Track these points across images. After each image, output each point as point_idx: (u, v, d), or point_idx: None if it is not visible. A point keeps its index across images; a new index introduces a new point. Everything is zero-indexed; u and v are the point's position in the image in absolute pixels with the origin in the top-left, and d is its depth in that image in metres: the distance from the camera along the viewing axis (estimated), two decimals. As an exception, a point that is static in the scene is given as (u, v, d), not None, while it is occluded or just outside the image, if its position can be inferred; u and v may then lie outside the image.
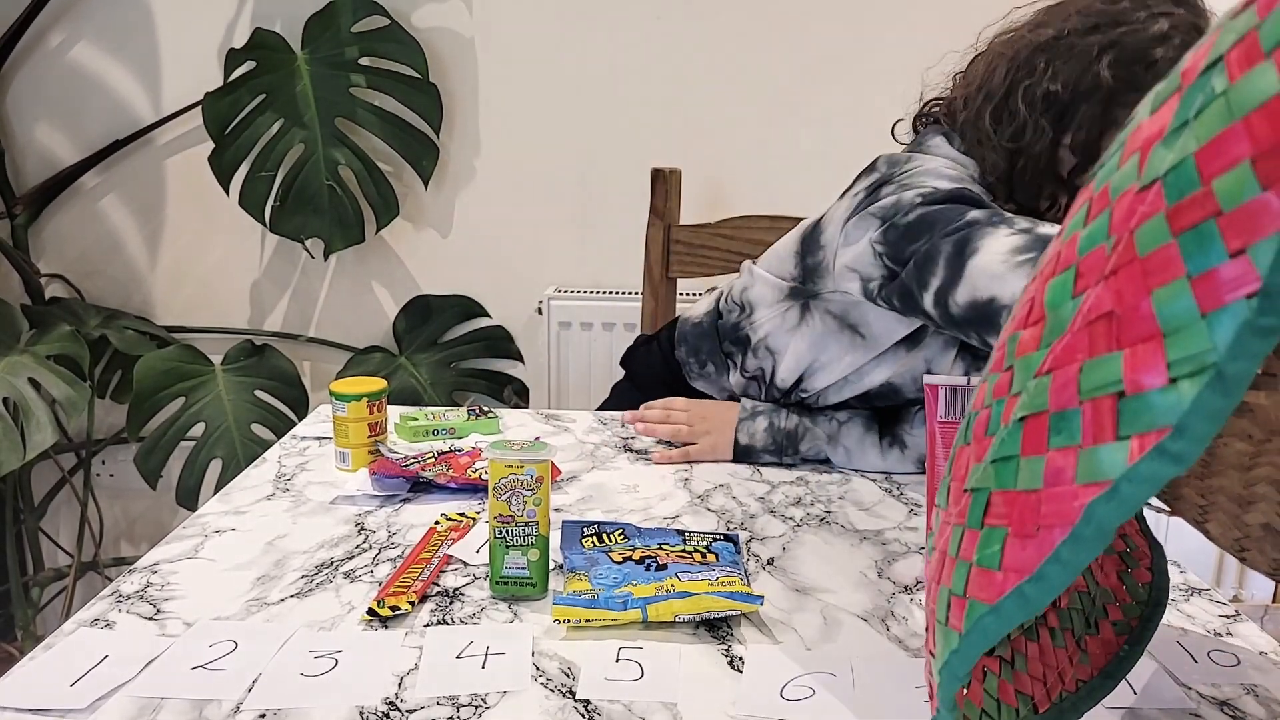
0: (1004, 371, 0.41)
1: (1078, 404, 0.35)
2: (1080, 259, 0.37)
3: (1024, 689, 0.54)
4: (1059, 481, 0.35)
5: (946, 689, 0.41)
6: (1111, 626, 0.58)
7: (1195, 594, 0.78)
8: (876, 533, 0.89)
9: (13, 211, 1.79)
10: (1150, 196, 0.33)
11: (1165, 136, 0.34)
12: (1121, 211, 0.35)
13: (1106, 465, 0.33)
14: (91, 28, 1.79)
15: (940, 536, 0.45)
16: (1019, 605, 0.36)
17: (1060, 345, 0.37)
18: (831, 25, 1.77)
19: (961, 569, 0.40)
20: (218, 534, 0.86)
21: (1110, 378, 0.33)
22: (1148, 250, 0.33)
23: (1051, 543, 0.34)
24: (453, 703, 0.61)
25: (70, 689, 0.62)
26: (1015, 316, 0.43)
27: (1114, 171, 0.37)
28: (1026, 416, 0.37)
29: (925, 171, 0.97)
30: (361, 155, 1.74)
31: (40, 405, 1.48)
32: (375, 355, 1.81)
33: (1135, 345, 0.32)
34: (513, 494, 0.73)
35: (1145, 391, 0.32)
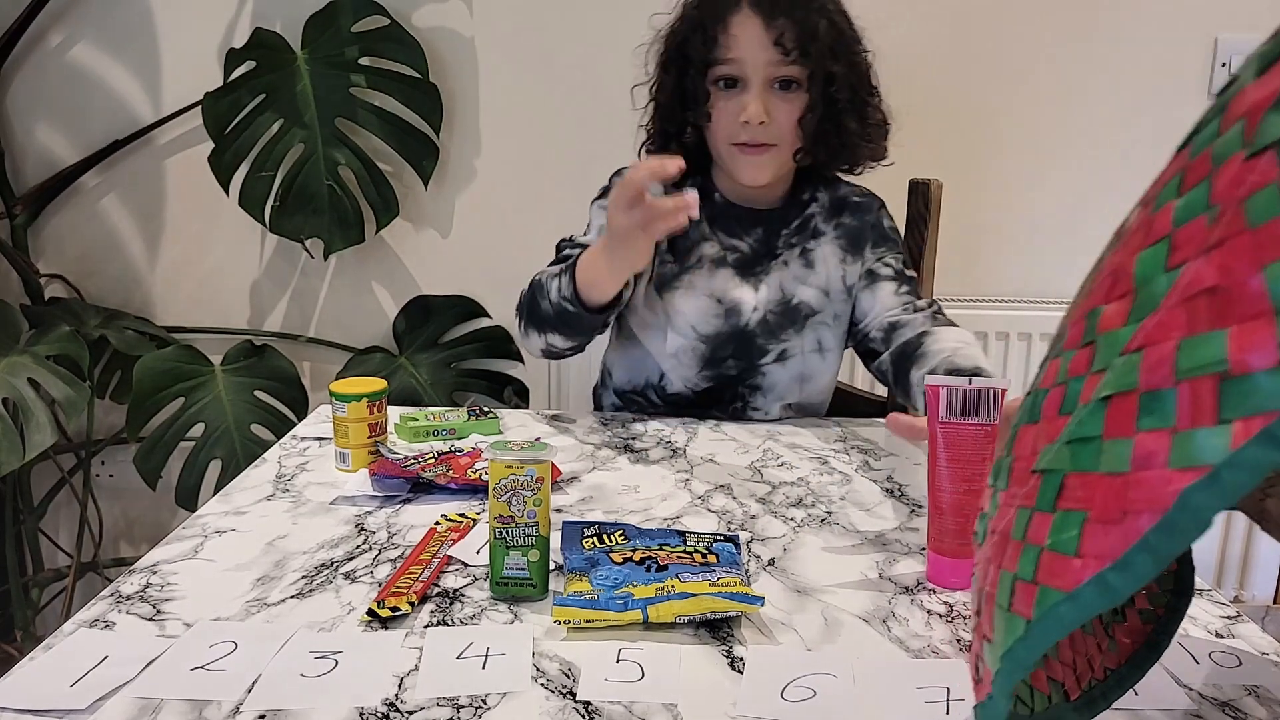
0: (1082, 348, 0.39)
1: (1173, 384, 0.32)
2: (1176, 230, 0.35)
3: (1055, 676, 0.53)
4: (1149, 465, 0.33)
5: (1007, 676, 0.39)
6: (1138, 615, 0.57)
7: (1196, 595, 0.78)
8: (878, 534, 0.88)
9: (12, 211, 1.79)
10: (1261, 165, 0.31)
11: (1276, 101, 0.32)
12: (1226, 180, 0.33)
13: (1205, 450, 0.31)
14: (91, 28, 1.79)
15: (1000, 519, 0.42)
16: (1100, 593, 0.34)
17: (1153, 321, 0.34)
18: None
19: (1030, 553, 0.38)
20: (217, 534, 0.86)
21: (1212, 357, 0.31)
22: (1259, 222, 0.31)
23: (1139, 529, 0.32)
24: (453, 704, 0.61)
25: (70, 690, 0.62)
26: (1094, 289, 0.41)
27: (1214, 138, 0.35)
28: (1111, 396, 0.35)
29: None
30: (361, 155, 1.74)
31: (40, 405, 1.47)
32: (375, 356, 1.81)
33: (1242, 323, 0.30)
34: (513, 495, 0.73)
35: (1252, 373, 0.30)
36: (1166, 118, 1.82)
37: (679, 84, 1.15)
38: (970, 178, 1.82)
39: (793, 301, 1.20)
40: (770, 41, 1.08)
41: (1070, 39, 1.79)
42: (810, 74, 1.11)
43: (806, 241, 1.21)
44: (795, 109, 1.12)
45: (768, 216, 1.21)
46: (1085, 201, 1.85)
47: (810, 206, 1.23)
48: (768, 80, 1.11)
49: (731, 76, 1.12)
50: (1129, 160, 1.84)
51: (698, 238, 1.20)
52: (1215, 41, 1.78)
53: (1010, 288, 1.88)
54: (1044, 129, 1.83)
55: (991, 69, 1.80)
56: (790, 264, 1.20)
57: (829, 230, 1.22)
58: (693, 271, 1.20)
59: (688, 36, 1.13)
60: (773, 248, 1.21)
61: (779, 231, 1.21)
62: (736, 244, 1.20)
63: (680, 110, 1.16)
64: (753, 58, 1.10)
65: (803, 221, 1.22)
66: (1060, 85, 1.81)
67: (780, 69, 1.10)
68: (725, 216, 1.21)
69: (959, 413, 0.76)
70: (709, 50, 1.11)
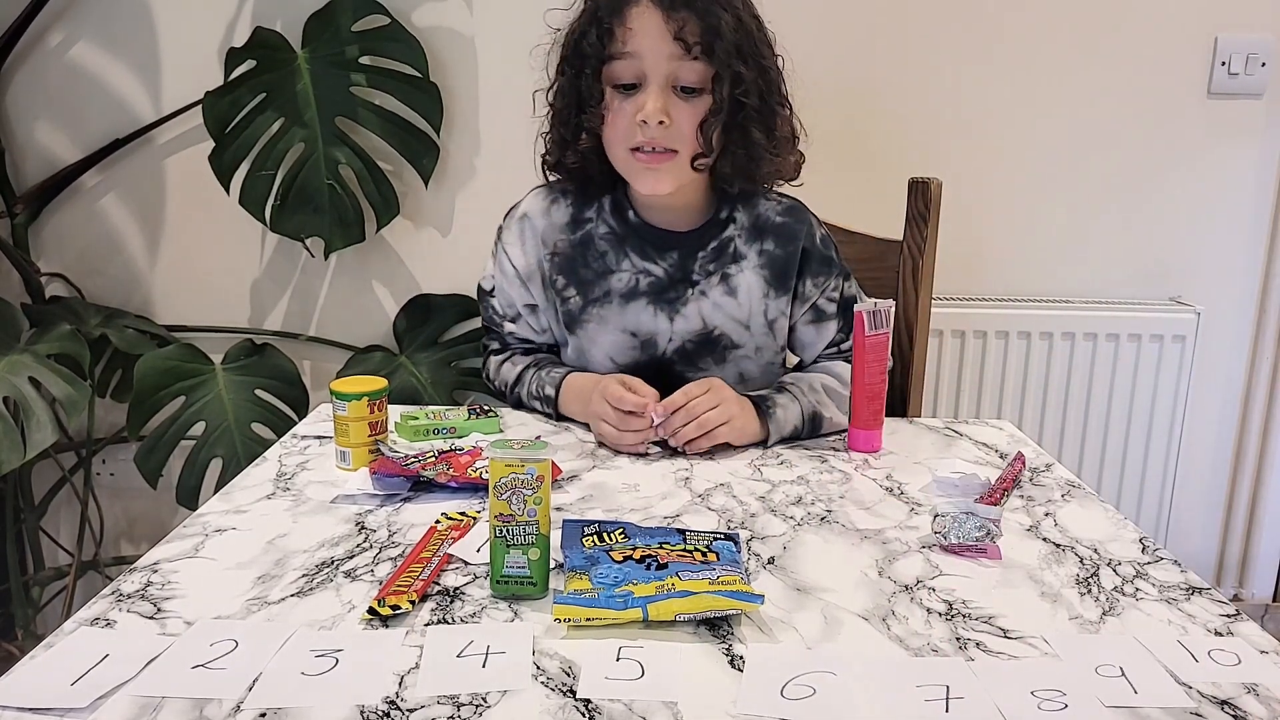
0: None
1: None
2: None
3: None
4: None
5: None
6: None
7: (1195, 593, 0.78)
8: (877, 531, 0.89)
9: (13, 210, 1.79)
10: None
11: None
12: None
13: None
14: (91, 27, 1.79)
15: None
16: None
17: None
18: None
19: None
20: (218, 533, 0.86)
21: None
22: None
23: None
24: (453, 702, 0.61)
25: (71, 688, 0.62)
26: None
27: None
28: None
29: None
30: (362, 154, 1.74)
31: (40, 404, 1.47)
32: (375, 354, 1.81)
33: None
34: (513, 493, 0.73)
35: None
36: (1166, 117, 1.82)
37: (574, 85, 1.08)
38: (970, 178, 1.82)
39: (714, 333, 1.15)
40: (670, 35, 1.02)
41: (1070, 38, 1.79)
42: (714, 75, 1.04)
43: (727, 266, 1.15)
44: (697, 113, 1.06)
45: (684, 239, 1.15)
46: (1085, 201, 1.85)
47: (729, 228, 1.15)
48: (668, 79, 1.04)
49: (630, 83, 1.05)
50: (1129, 159, 1.83)
51: (603, 270, 1.15)
52: (1215, 41, 1.78)
53: (1010, 288, 1.88)
54: (1044, 128, 1.82)
55: (991, 68, 1.80)
56: (709, 293, 1.14)
57: (750, 254, 1.15)
58: (601, 305, 1.15)
59: (584, 32, 1.07)
60: (689, 273, 1.14)
61: (695, 255, 1.14)
62: (650, 268, 1.14)
63: (576, 113, 1.09)
64: (651, 51, 1.03)
65: (721, 245, 1.15)
66: (1060, 84, 1.80)
67: (682, 66, 1.04)
68: (639, 237, 1.15)
69: (874, 326, 1.05)
70: (605, 44, 1.04)
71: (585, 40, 1.06)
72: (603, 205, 1.17)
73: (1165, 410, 1.83)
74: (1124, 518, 0.93)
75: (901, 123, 1.82)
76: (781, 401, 1.10)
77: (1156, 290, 1.89)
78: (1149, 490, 1.87)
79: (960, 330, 1.81)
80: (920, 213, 1.29)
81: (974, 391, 1.84)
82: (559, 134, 1.13)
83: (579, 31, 1.08)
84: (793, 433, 1.10)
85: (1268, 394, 1.93)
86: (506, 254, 1.19)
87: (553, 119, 1.14)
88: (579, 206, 1.17)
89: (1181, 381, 1.82)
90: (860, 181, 1.80)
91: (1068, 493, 0.98)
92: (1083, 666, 0.66)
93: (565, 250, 1.16)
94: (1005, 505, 0.94)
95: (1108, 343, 1.81)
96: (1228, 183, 1.85)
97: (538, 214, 1.18)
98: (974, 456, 1.09)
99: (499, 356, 1.26)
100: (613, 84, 1.07)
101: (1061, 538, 0.88)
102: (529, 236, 1.18)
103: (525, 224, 1.18)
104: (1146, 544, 0.87)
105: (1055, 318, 1.81)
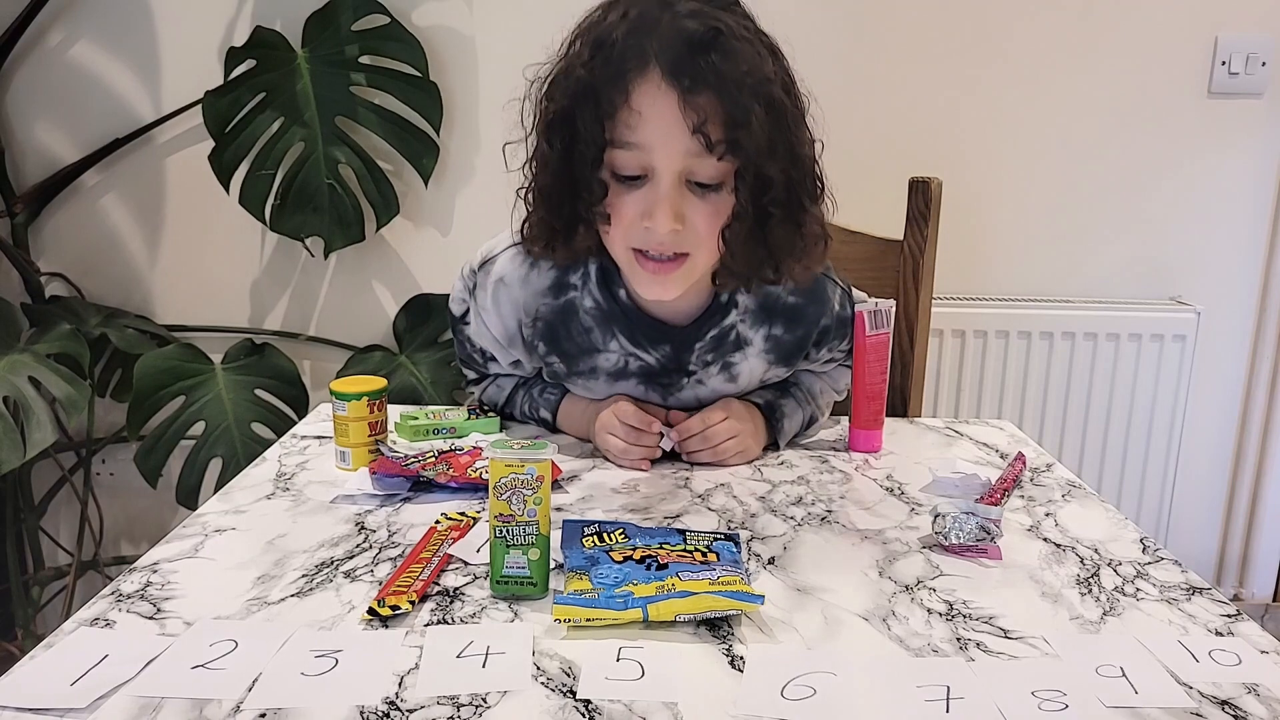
0: None
1: None
2: None
3: None
4: None
5: None
6: None
7: (1196, 593, 0.78)
8: (878, 531, 0.89)
9: (13, 210, 1.79)
10: None
11: None
12: None
13: None
14: (91, 27, 1.79)
15: None
16: None
17: None
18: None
19: None
20: (218, 533, 0.86)
21: None
22: None
23: None
24: (453, 702, 0.61)
25: (70, 688, 0.62)
26: None
27: None
28: None
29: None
30: (362, 154, 1.73)
31: (40, 404, 1.47)
32: (375, 354, 1.81)
33: None
34: (513, 493, 0.73)
35: None
36: (1166, 116, 1.82)
37: (564, 164, 0.89)
38: (970, 177, 1.82)
39: (708, 402, 1.07)
40: (689, 128, 0.83)
41: (1070, 37, 1.79)
42: (738, 172, 0.86)
43: (728, 355, 1.03)
44: (715, 211, 0.88)
45: (679, 332, 1.01)
46: (1085, 201, 1.85)
47: (730, 314, 1.01)
48: (681, 176, 0.86)
49: (634, 174, 0.87)
50: (1129, 159, 1.83)
51: (589, 346, 1.02)
52: (1215, 40, 1.78)
53: (1010, 287, 1.88)
54: (1044, 128, 1.82)
55: (992, 68, 1.80)
56: (707, 381, 1.04)
57: (755, 339, 1.03)
58: (588, 379, 1.06)
59: (577, 101, 0.87)
60: (684, 364, 1.02)
61: (692, 346, 1.02)
62: (641, 355, 1.02)
63: (570, 201, 0.90)
64: (663, 146, 0.84)
65: (721, 333, 1.02)
66: (1061, 83, 1.80)
67: (700, 164, 0.86)
68: (628, 320, 1.01)
69: (875, 327, 1.05)
70: (604, 127, 0.85)
71: (580, 115, 0.86)
72: (588, 273, 1.01)
73: (1165, 410, 1.83)
74: (1124, 518, 0.93)
75: (902, 123, 1.82)
76: (788, 410, 1.10)
77: (1156, 290, 1.89)
78: (1149, 490, 1.87)
79: (960, 330, 1.81)
80: (920, 212, 1.29)
81: (974, 391, 1.84)
82: (547, 223, 0.94)
83: (570, 97, 0.88)
84: (790, 436, 1.11)
85: (1268, 394, 1.94)
86: (483, 319, 1.05)
87: (536, 197, 0.94)
88: (561, 271, 1.01)
89: (1181, 381, 1.82)
90: (860, 181, 1.80)
91: (1068, 493, 0.98)
92: (1083, 666, 0.66)
93: (547, 316, 1.02)
94: (1006, 505, 0.94)
95: (1108, 343, 1.81)
96: (1228, 182, 1.85)
97: (515, 282, 1.01)
98: (974, 456, 1.09)
99: (481, 385, 1.18)
100: (611, 172, 0.89)
101: (1062, 538, 0.88)
102: (505, 303, 1.02)
103: (501, 289, 1.02)
104: (1147, 544, 0.87)
105: (1055, 318, 1.81)
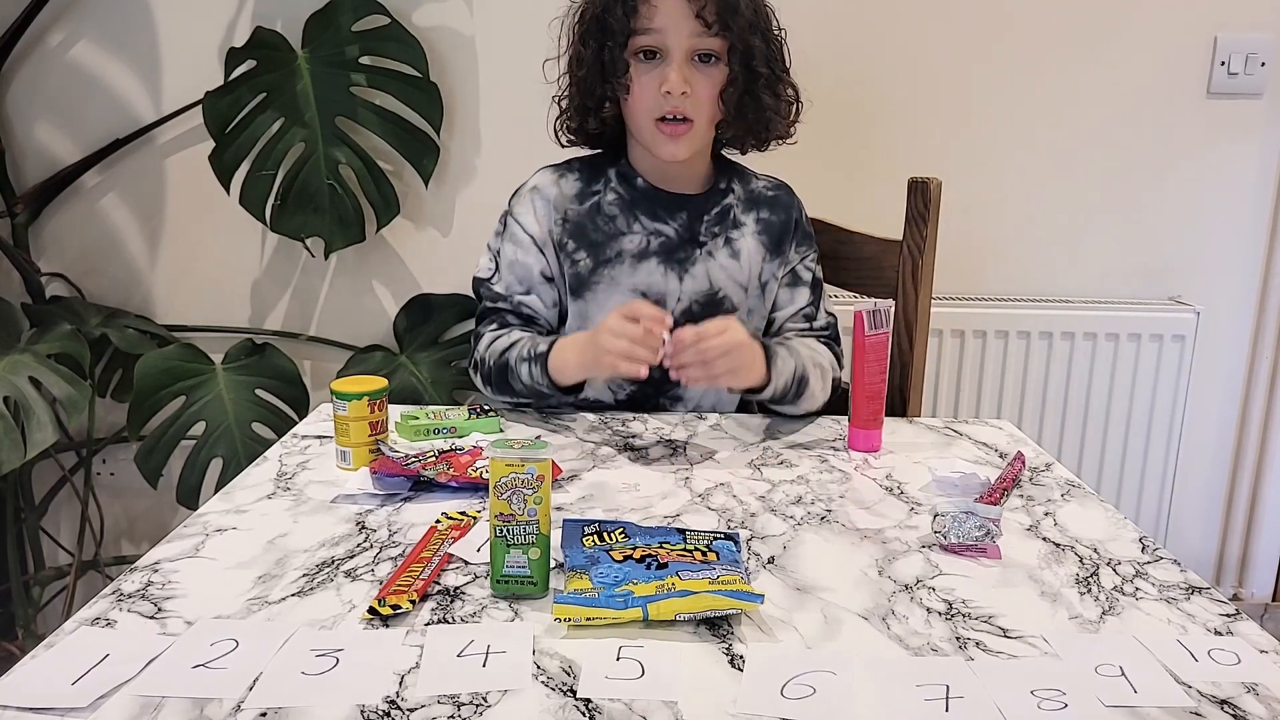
0: None
1: None
2: None
3: None
4: None
5: None
6: None
7: (1195, 593, 0.78)
8: (877, 531, 0.89)
9: (13, 210, 1.79)
10: None
11: None
12: None
13: None
14: (92, 27, 1.79)
15: None
16: None
17: None
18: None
19: None
20: (219, 533, 0.86)
21: None
22: None
23: None
24: (453, 701, 0.61)
25: (71, 688, 0.62)
26: None
27: None
28: None
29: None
30: (362, 154, 1.74)
31: (41, 404, 1.47)
32: (376, 354, 1.81)
33: None
34: (513, 492, 0.73)
35: None
36: (1166, 116, 1.82)
37: (598, 56, 1.15)
38: (970, 178, 1.82)
39: (718, 295, 1.21)
40: (692, 13, 1.11)
41: (1070, 38, 1.79)
42: (730, 47, 1.13)
43: (729, 230, 1.23)
44: (715, 82, 1.15)
45: (690, 201, 1.23)
46: (1085, 200, 1.85)
47: (729, 196, 1.25)
48: (689, 52, 1.13)
49: (651, 48, 1.13)
50: (1129, 159, 1.84)
51: (614, 232, 1.21)
52: (1215, 40, 1.78)
53: (1010, 287, 1.88)
54: (1044, 128, 1.83)
55: (992, 68, 1.80)
56: (716, 254, 1.22)
57: (749, 221, 1.24)
58: (612, 266, 1.20)
59: (607, 7, 1.13)
60: (696, 234, 1.22)
61: (702, 217, 1.22)
62: (661, 229, 1.21)
63: (600, 83, 1.16)
64: (674, 28, 1.11)
65: (723, 210, 1.24)
66: (1060, 83, 1.81)
67: (701, 41, 1.12)
68: (649, 201, 1.22)
69: (874, 327, 1.06)
70: (630, 20, 1.12)
71: (610, 16, 1.13)
72: (609, 177, 1.24)
73: (1165, 410, 1.83)
74: (1123, 517, 0.93)
75: (901, 122, 1.82)
76: (781, 354, 1.14)
77: (1156, 290, 1.89)
78: (1148, 490, 1.87)
79: (960, 330, 1.81)
80: (920, 212, 1.29)
81: (974, 391, 1.84)
82: (581, 102, 1.19)
83: (602, 4, 1.14)
84: (784, 387, 1.14)
85: (1267, 393, 1.94)
86: (519, 223, 1.23)
87: (574, 87, 1.20)
88: (586, 180, 1.24)
89: (1181, 381, 1.82)
90: (860, 181, 1.80)
91: (1067, 492, 0.99)
92: (1082, 666, 0.67)
93: (575, 217, 1.22)
94: (1005, 505, 0.94)
95: (1107, 342, 1.81)
96: (1227, 182, 1.85)
97: (548, 185, 1.24)
98: (974, 456, 1.09)
99: (494, 333, 1.22)
100: (635, 54, 1.14)
101: (1061, 537, 0.88)
102: (540, 205, 1.23)
103: (536, 195, 1.24)
104: (1146, 543, 0.87)
105: (1055, 317, 1.81)
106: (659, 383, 1.22)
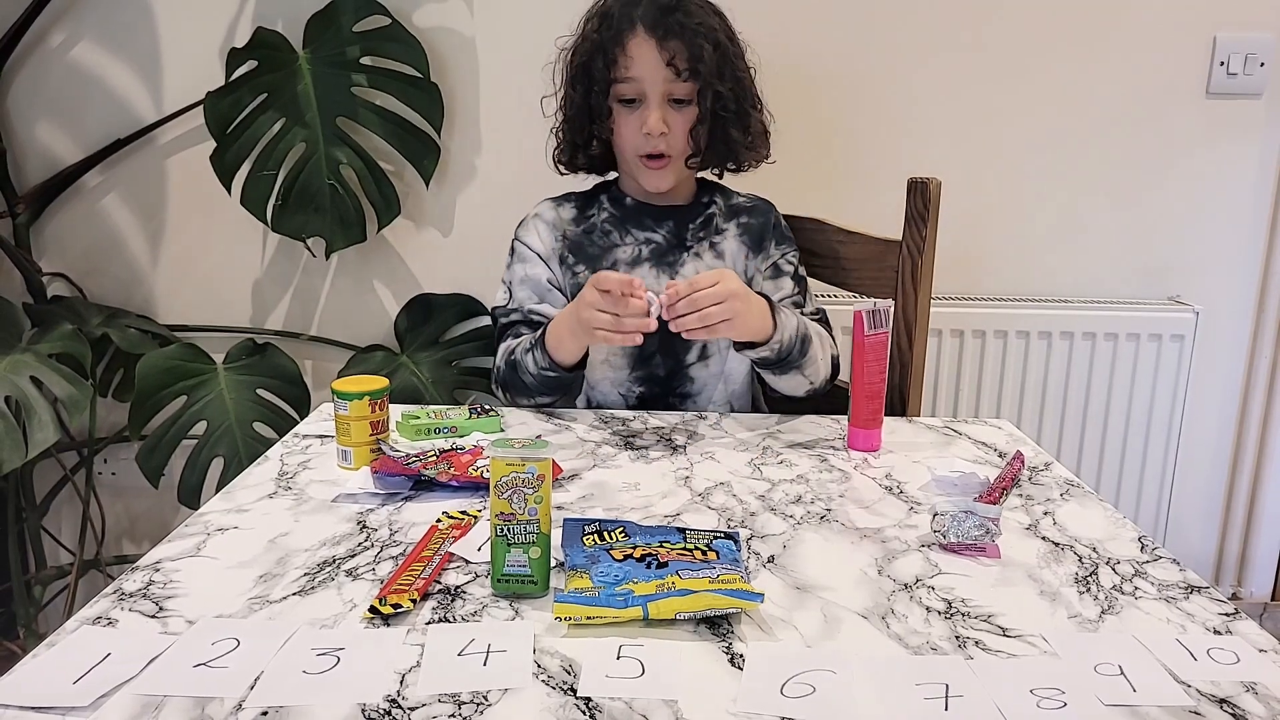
0: None
1: None
2: None
3: None
4: None
5: None
6: None
7: (1194, 592, 0.78)
8: (877, 530, 0.89)
9: (14, 210, 1.79)
10: None
11: None
12: None
13: None
14: (92, 27, 1.79)
15: None
16: None
17: None
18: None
19: None
20: (220, 532, 0.86)
21: None
22: None
23: None
24: (454, 700, 0.62)
25: (73, 687, 0.62)
26: None
27: None
28: None
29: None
30: (363, 154, 1.74)
31: (42, 404, 1.48)
32: (377, 354, 1.81)
33: None
34: (514, 492, 0.73)
35: None
36: (1165, 116, 1.82)
37: (585, 100, 1.27)
38: (969, 177, 1.82)
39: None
40: (664, 63, 1.22)
41: (1070, 37, 1.79)
42: (700, 90, 1.24)
43: (713, 236, 1.34)
44: (687, 120, 1.25)
45: (677, 212, 1.34)
46: (1084, 200, 1.85)
47: (711, 207, 1.36)
48: (664, 96, 1.24)
49: (631, 97, 1.25)
50: (1128, 159, 1.84)
51: (609, 245, 1.32)
52: (1214, 40, 1.78)
53: (1009, 287, 1.89)
54: (1043, 128, 1.83)
55: (991, 68, 1.80)
56: (702, 255, 1.32)
57: (730, 227, 1.34)
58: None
59: (591, 57, 1.25)
60: (683, 239, 1.33)
61: (687, 225, 1.33)
62: (651, 236, 1.32)
63: (588, 123, 1.29)
64: (650, 76, 1.23)
65: (706, 219, 1.35)
66: (1060, 83, 1.81)
67: (674, 86, 1.23)
68: (637, 214, 1.34)
69: (873, 326, 1.07)
70: (610, 71, 1.24)
71: (593, 65, 1.24)
72: (601, 202, 1.36)
73: (1164, 409, 1.83)
74: (1123, 516, 0.93)
75: (900, 123, 1.82)
76: (784, 310, 1.19)
77: (1155, 290, 1.89)
78: (1148, 489, 1.87)
79: (959, 330, 1.81)
80: (919, 213, 1.30)
81: (973, 391, 1.84)
82: (572, 139, 1.33)
83: (586, 54, 1.26)
84: (789, 342, 1.17)
85: (1266, 393, 1.94)
86: (525, 244, 1.34)
87: (565, 125, 1.34)
88: (581, 207, 1.37)
89: (1180, 381, 1.82)
90: (859, 181, 1.80)
91: (1066, 492, 0.99)
92: (1082, 665, 0.67)
93: (574, 236, 1.34)
94: (1004, 504, 0.94)
95: (1107, 342, 1.81)
96: (1227, 182, 1.85)
97: (547, 211, 1.37)
98: (973, 455, 1.09)
99: (508, 344, 1.28)
100: (618, 100, 1.26)
101: (1060, 536, 0.88)
102: (543, 227, 1.35)
103: (538, 220, 1.36)
104: (1145, 543, 0.87)
105: (1054, 317, 1.81)
106: (669, 378, 1.29)
